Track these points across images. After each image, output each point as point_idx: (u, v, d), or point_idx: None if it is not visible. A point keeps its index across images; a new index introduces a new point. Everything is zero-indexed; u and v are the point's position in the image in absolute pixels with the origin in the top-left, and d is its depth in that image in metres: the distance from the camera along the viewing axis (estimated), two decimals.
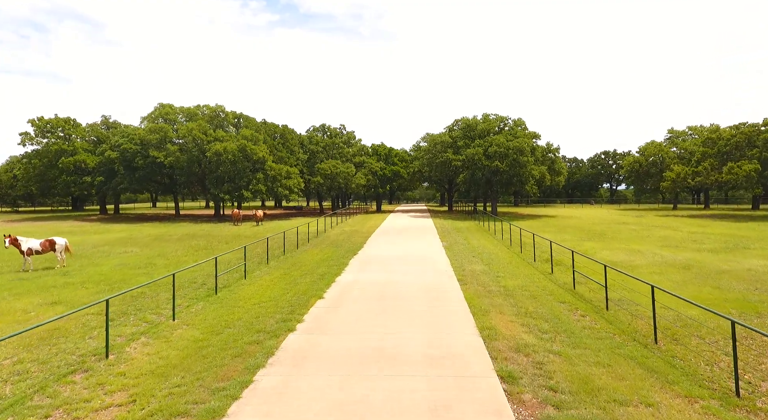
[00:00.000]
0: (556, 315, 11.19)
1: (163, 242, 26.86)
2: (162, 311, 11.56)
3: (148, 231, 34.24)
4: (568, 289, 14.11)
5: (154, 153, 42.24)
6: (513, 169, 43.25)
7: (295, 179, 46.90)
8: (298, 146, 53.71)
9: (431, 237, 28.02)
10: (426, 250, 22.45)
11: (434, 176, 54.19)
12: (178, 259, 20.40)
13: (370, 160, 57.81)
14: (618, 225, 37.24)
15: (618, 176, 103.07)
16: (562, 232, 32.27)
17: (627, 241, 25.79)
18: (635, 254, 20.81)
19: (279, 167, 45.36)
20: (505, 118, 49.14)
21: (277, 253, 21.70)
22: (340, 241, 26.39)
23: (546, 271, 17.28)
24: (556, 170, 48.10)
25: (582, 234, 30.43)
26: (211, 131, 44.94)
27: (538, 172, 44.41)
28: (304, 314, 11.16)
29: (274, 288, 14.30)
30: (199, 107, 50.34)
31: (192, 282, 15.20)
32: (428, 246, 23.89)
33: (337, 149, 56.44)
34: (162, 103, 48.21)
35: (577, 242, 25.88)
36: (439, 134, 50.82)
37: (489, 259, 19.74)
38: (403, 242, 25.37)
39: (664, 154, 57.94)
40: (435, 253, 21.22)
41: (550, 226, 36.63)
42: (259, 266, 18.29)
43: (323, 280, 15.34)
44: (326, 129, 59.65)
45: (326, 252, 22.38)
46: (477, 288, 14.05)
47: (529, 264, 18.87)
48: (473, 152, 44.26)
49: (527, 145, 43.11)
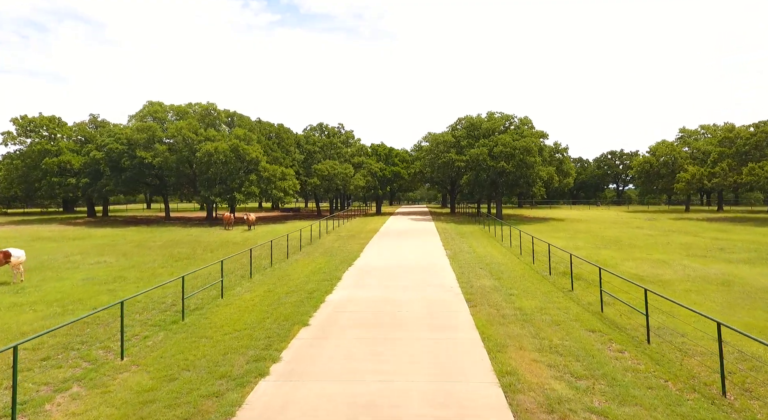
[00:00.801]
0: (588, 350, 9.31)
1: (144, 250, 25.01)
2: (113, 345, 9.69)
3: (131, 236, 32.40)
4: (595, 313, 12.23)
5: (141, 153, 40.42)
6: (520, 170, 41.35)
7: (290, 181, 45.05)
8: (294, 146, 51.87)
9: (434, 243, 26.15)
10: (428, 259, 20.58)
11: (436, 177, 52.34)
12: (153, 271, 18.54)
13: (370, 161, 55.96)
14: (632, 230, 35.32)
15: (625, 177, 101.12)
16: (574, 237, 30.37)
17: (647, 250, 23.88)
18: (661, 266, 18.90)
19: (273, 168, 43.53)
20: (510, 117, 47.27)
21: (265, 264, 19.85)
22: (334, 249, 24.53)
23: (564, 287, 15.39)
24: (564, 171, 46.19)
25: (596, 240, 28.52)
26: (201, 130, 43.12)
27: (545, 174, 42.52)
28: (283, 349, 9.31)
29: (253, 310, 12.43)
30: (191, 105, 48.56)
31: (160, 302, 13.34)
32: (431, 254, 22.01)
33: (335, 149, 54.60)
34: (151, 101, 46.42)
35: (593, 250, 23.98)
36: (442, 133, 48.95)
37: (499, 272, 17.87)
38: (403, 250, 23.51)
39: (676, 154, 55.99)
40: (438, 264, 19.35)
41: (560, 231, 34.73)
42: (241, 281, 16.43)
43: (311, 299, 13.48)
44: (324, 128, 57.82)
45: (319, 262, 20.52)
46: (489, 311, 12.18)
47: (543, 278, 16.99)
48: (478, 152, 42.39)
49: (535, 145, 41.22)
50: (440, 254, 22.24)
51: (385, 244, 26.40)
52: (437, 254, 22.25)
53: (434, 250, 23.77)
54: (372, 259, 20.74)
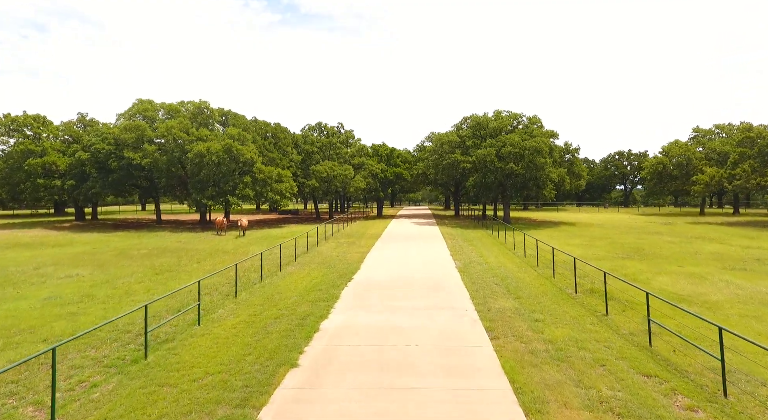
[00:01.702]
0: (651, 407, 7.39)
1: (124, 260, 23.10)
2: (48, 398, 7.75)
3: (116, 243, 30.49)
4: (642, 347, 10.29)
5: (129, 154, 38.51)
6: (529, 171, 39.41)
7: (287, 183, 43.14)
8: (291, 146, 49.96)
9: (440, 252, 24.23)
10: (437, 272, 18.66)
11: (440, 179, 50.42)
12: (128, 288, 16.62)
13: (370, 162, 54.02)
14: (651, 236, 33.37)
15: (633, 178, 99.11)
16: (591, 245, 28.43)
17: (676, 261, 21.93)
18: (700, 282, 16.95)
19: (269, 170, 41.61)
20: (518, 116, 45.33)
21: (254, 278, 17.94)
22: (332, 259, 22.61)
23: (595, 309, 13.47)
24: (575, 173, 44.23)
25: (616, 249, 26.57)
26: (193, 130, 41.22)
27: (556, 175, 40.57)
28: (263, 406, 7.41)
29: (233, 343, 10.52)
30: (183, 103, 46.64)
31: (126, 330, 11.43)
32: (439, 266, 20.09)
33: (335, 149, 52.66)
34: (141, 99, 44.51)
35: (616, 261, 22.05)
36: (446, 133, 47.01)
37: (517, 288, 15.96)
38: (407, 260, 21.58)
39: (690, 155, 54.00)
40: (448, 279, 17.43)
41: (574, 237, 32.79)
42: (225, 301, 14.50)
43: (303, 327, 11.58)
44: (323, 128, 55.89)
45: (314, 275, 18.62)
46: (515, 345, 10.26)
47: (568, 296, 15.06)
48: (484, 153, 40.45)
49: (545, 146, 39.27)
50: (449, 265, 20.32)
51: (388, 253, 24.48)
52: (446, 265, 20.32)
53: (442, 260, 21.84)
54: (374, 272, 18.82)
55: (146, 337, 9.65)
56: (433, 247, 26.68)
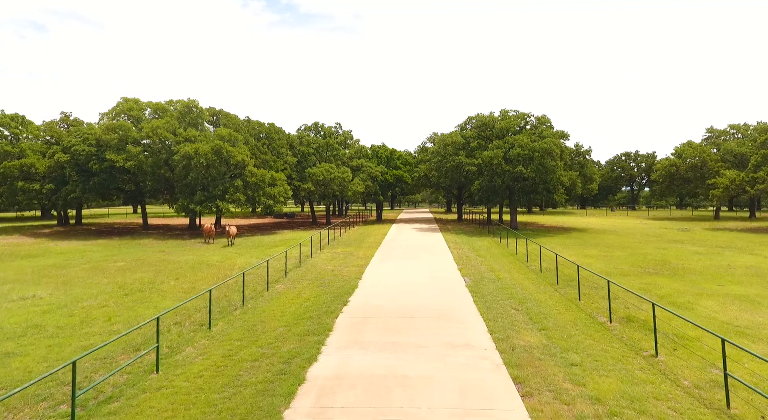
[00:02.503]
0: None
1: (95, 276, 20.89)
2: None
3: (92, 254, 28.29)
4: (719, 411, 8.10)
5: (111, 156, 36.30)
6: (539, 175, 37.26)
7: (280, 186, 40.94)
8: (286, 148, 47.75)
9: (447, 266, 22.05)
10: (445, 293, 16.48)
11: (443, 182, 48.25)
12: (86, 315, 14.42)
13: (370, 164, 51.82)
14: (671, 245, 31.23)
15: (640, 179, 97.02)
16: (610, 256, 26.27)
17: (712, 278, 19.77)
18: (754, 308, 14.77)
19: (262, 173, 39.41)
20: (526, 115, 43.19)
21: (235, 301, 15.75)
22: (327, 274, 20.45)
23: (638, 344, 11.33)
24: (587, 176, 42.10)
25: (639, 261, 24.42)
26: (181, 130, 39.02)
27: (567, 179, 38.43)
28: None
29: (192, 405, 8.33)
30: (172, 102, 44.42)
31: (63, 381, 9.22)
32: (446, 284, 17.91)
33: (332, 151, 50.48)
34: (126, 98, 42.30)
35: (644, 277, 19.90)
36: (450, 134, 44.85)
37: (540, 315, 13.82)
38: (410, 277, 19.40)
39: (705, 157, 51.88)
40: (458, 302, 15.25)
41: (589, 246, 30.62)
42: (196, 335, 12.31)
43: (286, 375, 9.42)
44: (319, 128, 53.70)
45: (306, 296, 16.46)
46: (555, 408, 8.10)
47: (603, 327, 12.90)
48: (491, 155, 38.28)
49: (556, 147, 37.13)
50: (458, 284, 18.14)
51: (389, 267, 22.29)
52: (454, 284, 18.15)
53: (449, 276, 19.66)
54: (373, 293, 16.63)
55: (73, 404, 7.42)
56: (438, 259, 24.50)
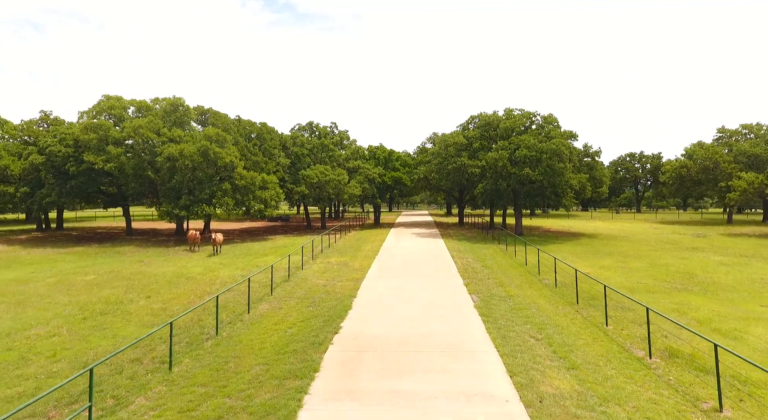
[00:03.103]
0: None
1: (58, 293, 18.79)
2: None
3: (63, 265, 26.15)
4: None
5: (89, 157, 34.13)
6: (547, 177, 35.24)
7: (272, 190, 38.85)
8: (279, 149, 45.65)
9: (451, 281, 20.01)
10: (452, 318, 14.45)
11: (444, 185, 46.22)
12: (31, 347, 12.33)
13: (367, 166, 49.77)
14: (691, 253, 29.28)
15: (645, 181, 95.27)
16: (628, 267, 24.27)
17: (750, 295, 17.80)
18: None
19: (252, 175, 37.31)
20: (532, 114, 41.17)
21: (209, 328, 13.69)
22: (318, 291, 18.40)
23: (692, 390, 9.32)
24: (597, 179, 40.13)
25: (661, 274, 22.42)
26: (165, 130, 36.89)
27: (576, 182, 36.42)
28: None
29: None
30: (158, 100, 42.30)
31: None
32: (452, 307, 15.86)
33: (327, 152, 48.39)
34: (108, 95, 40.13)
35: (673, 295, 17.90)
36: (451, 134, 42.83)
37: (565, 347, 11.82)
38: (411, 294, 17.36)
39: (718, 158, 49.99)
40: (469, 330, 13.23)
41: (603, 256, 28.63)
42: (153, 377, 10.24)
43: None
44: (314, 128, 51.62)
45: (292, 320, 14.43)
46: None
47: (643, 364, 10.90)
48: (496, 157, 36.26)
49: (565, 148, 35.14)
50: (465, 304, 16.10)
51: (387, 282, 20.23)
52: (461, 304, 16.11)
53: (455, 295, 17.61)
54: (369, 317, 14.57)
55: None
56: (441, 272, 22.44)
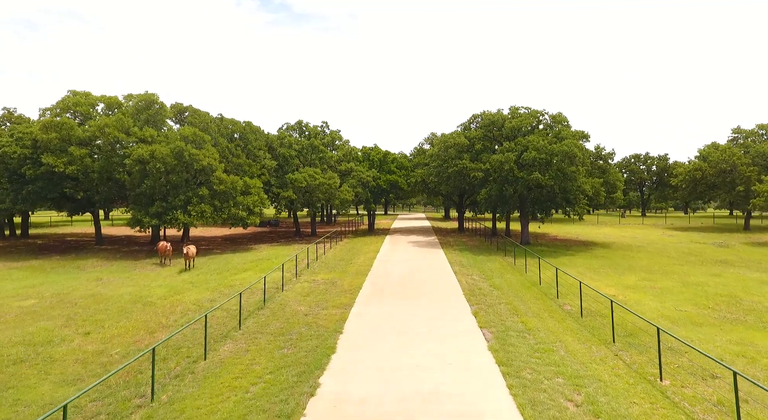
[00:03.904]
0: None
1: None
2: None
3: (4, 284, 22.92)
4: None
5: (48, 159, 30.88)
6: (558, 182, 32.29)
7: (255, 196, 35.71)
8: (264, 150, 42.51)
9: (457, 310, 16.99)
10: (461, 367, 11.44)
11: (444, 189, 43.21)
12: None
13: (360, 168, 46.68)
14: (722, 268, 26.42)
15: (651, 183, 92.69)
16: (657, 287, 21.34)
17: None
18: None
19: (233, 179, 34.18)
20: (539, 113, 38.22)
21: (146, 386, 10.58)
22: (297, 325, 15.35)
23: None
24: (610, 183, 37.26)
25: (700, 298, 19.49)
26: (136, 129, 33.67)
27: (590, 187, 33.50)
28: None
29: None
30: (131, 96, 39.09)
31: None
32: (461, 350, 12.83)
33: (317, 154, 45.27)
34: (74, 91, 36.90)
35: (725, 329, 14.96)
36: (452, 134, 39.84)
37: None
38: (408, 329, 14.32)
39: (736, 160, 47.29)
40: (485, 389, 10.23)
41: (624, 270, 25.71)
42: None
43: None
44: (304, 127, 48.49)
45: (256, 373, 11.39)
46: None
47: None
48: (501, 159, 33.28)
49: (579, 150, 32.21)
50: (477, 344, 13.09)
51: (380, 310, 17.18)
52: (474, 351, 13.08)
53: (464, 335, 14.57)
54: (356, 372, 11.50)
55: None
56: (443, 295, 19.41)
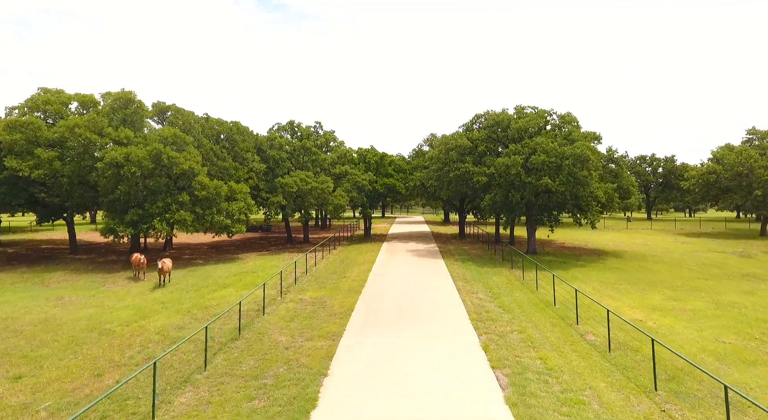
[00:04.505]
0: None
1: None
2: None
3: None
4: None
5: (12, 163, 28.44)
6: (569, 188, 29.97)
7: (241, 202, 33.29)
8: (252, 152, 40.09)
9: (463, 344, 14.63)
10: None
11: (445, 194, 40.84)
12: None
13: (355, 171, 44.27)
14: (753, 283, 24.17)
15: (656, 186, 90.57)
16: (691, 312, 19.03)
17: None
18: None
19: (216, 184, 31.76)
20: (547, 113, 35.90)
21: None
22: (273, 364, 12.97)
23: None
24: (624, 188, 34.96)
25: (741, 324, 17.20)
26: (110, 129, 31.25)
27: (603, 193, 31.18)
28: None
29: None
30: (110, 94, 36.61)
31: None
32: (473, 404, 10.46)
33: (310, 156, 42.87)
34: (45, 88, 34.45)
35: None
36: (453, 135, 37.50)
37: None
38: (407, 376, 11.95)
39: (753, 163, 45.08)
40: None
41: (644, 286, 23.40)
42: None
43: None
44: (296, 128, 46.05)
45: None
46: None
47: None
48: (507, 163, 30.94)
49: (592, 153, 29.89)
50: (493, 405, 10.69)
51: (374, 342, 14.81)
52: (484, 394, 10.71)
53: (474, 381, 12.21)
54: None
55: None
56: (446, 321, 17.05)
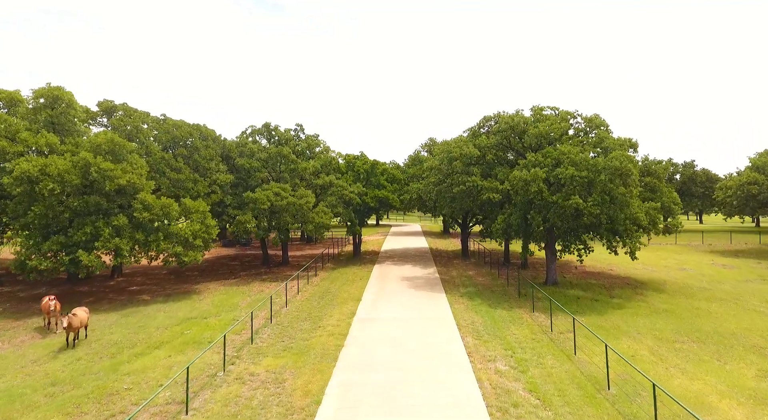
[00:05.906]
0: None
1: None
2: None
3: None
4: None
5: None
6: (605, 209, 24.30)
7: (197, 224, 27.45)
8: (217, 161, 34.29)
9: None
10: None
11: (447, 211, 35.10)
12: None
13: (342, 182, 38.47)
14: None
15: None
16: None
17: None
18: None
19: (165, 203, 25.96)
20: (570, 115, 30.25)
21: None
22: None
23: None
24: (666, 206, 29.36)
25: None
26: (26, 134, 25.39)
27: (644, 214, 25.53)
28: None
29: None
30: (41, 91, 30.73)
31: None
32: None
33: (288, 164, 37.08)
34: None
35: None
36: (457, 141, 31.82)
37: None
38: None
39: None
40: None
41: (721, 349, 17.81)
42: None
43: None
44: (272, 132, 40.26)
45: None
46: None
47: None
48: (526, 177, 25.27)
49: (632, 165, 24.29)
50: None
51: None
52: None
53: None
54: None
55: None
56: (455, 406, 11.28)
